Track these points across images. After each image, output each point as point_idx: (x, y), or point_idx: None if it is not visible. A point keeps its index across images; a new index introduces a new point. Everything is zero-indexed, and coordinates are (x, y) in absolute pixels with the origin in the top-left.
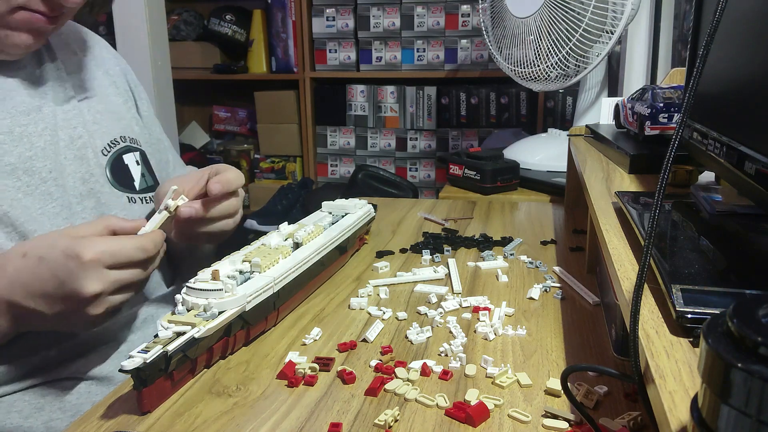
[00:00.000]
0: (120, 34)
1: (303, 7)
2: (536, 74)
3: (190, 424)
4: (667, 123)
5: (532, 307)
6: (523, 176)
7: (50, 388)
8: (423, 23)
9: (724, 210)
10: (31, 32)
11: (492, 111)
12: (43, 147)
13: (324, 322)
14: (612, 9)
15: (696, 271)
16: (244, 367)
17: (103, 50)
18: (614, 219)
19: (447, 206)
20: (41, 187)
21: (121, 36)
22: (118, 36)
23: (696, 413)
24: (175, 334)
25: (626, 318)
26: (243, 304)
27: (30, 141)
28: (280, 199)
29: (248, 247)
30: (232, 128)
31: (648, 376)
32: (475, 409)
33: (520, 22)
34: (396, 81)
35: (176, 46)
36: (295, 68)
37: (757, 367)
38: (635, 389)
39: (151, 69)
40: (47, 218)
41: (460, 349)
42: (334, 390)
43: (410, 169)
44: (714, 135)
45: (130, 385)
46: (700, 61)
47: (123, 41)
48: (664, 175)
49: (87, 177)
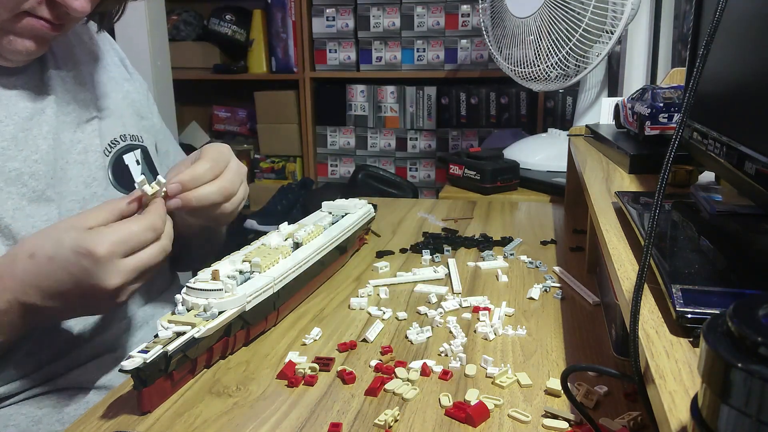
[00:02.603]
0: (120, 34)
1: (303, 7)
2: (536, 74)
3: (190, 425)
4: (667, 123)
5: (532, 307)
6: (523, 176)
7: (48, 400)
8: (423, 23)
9: (724, 210)
10: (35, 39)
11: (492, 111)
12: (47, 150)
13: (324, 322)
14: (612, 9)
15: (696, 271)
16: (244, 367)
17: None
18: (614, 219)
19: (447, 206)
20: (47, 192)
21: (121, 36)
22: (118, 36)
23: (696, 413)
24: (175, 334)
25: (626, 318)
26: (243, 304)
27: (35, 144)
28: (280, 199)
29: (248, 247)
30: (232, 128)
31: (648, 376)
32: (475, 409)
33: (520, 22)
34: (396, 81)
35: (176, 46)
36: (295, 68)
37: (757, 367)
38: (635, 389)
39: (151, 69)
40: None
41: (460, 349)
42: (334, 390)
43: (410, 169)
44: (714, 135)
45: (130, 385)
46: (700, 61)
47: (123, 41)
48: (664, 175)
49: (89, 181)
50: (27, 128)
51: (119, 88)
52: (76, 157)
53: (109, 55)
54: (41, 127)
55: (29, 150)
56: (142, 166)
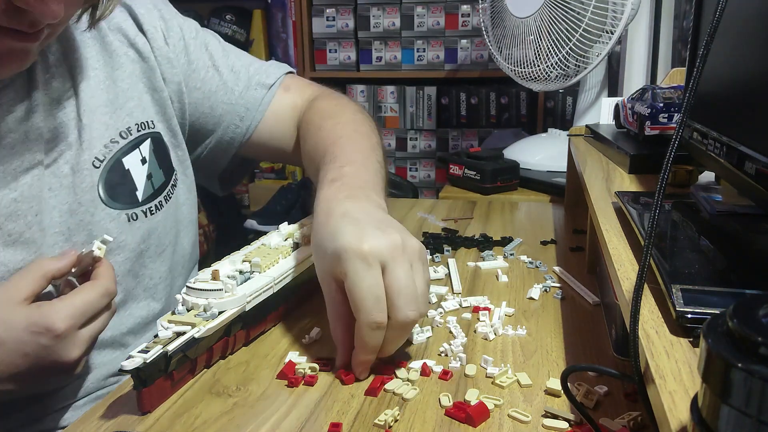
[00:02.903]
0: None
1: (303, 7)
2: (536, 74)
3: (190, 425)
4: (667, 123)
5: (532, 307)
6: (523, 176)
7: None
8: (423, 23)
9: (724, 210)
10: (8, 55)
11: (492, 111)
12: (30, 184)
13: (324, 322)
14: (612, 9)
15: (696, 271)
16: (244, 367)
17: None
18: (614, 219)
19: (447, 206)
20: (26, 234)
21: None
22: None
23: (696, 413)
24: (175, 334)
25: (626, 318)
26: (243, 304)
27: (15, 179)
28: (280, 199)
29: (248, 247)
30: None
31: (648, 376)
32: (475, 409)
33: (520, 22)
34: (396, 81)
35: None
36: (295, 68)
37: (757, 367)
38: (635, 389)
39: None
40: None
41: (460, 349)
42: (334, 390)
43: (410, 169)
44: (714, 135)
45: (130, 385)
46: (700, 61)
47: None
48: (664, 175)
49: (75, 207)
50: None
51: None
52: (61, 182)
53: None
54: (23, 158)
55: (8, 188)
56: (149, 164)
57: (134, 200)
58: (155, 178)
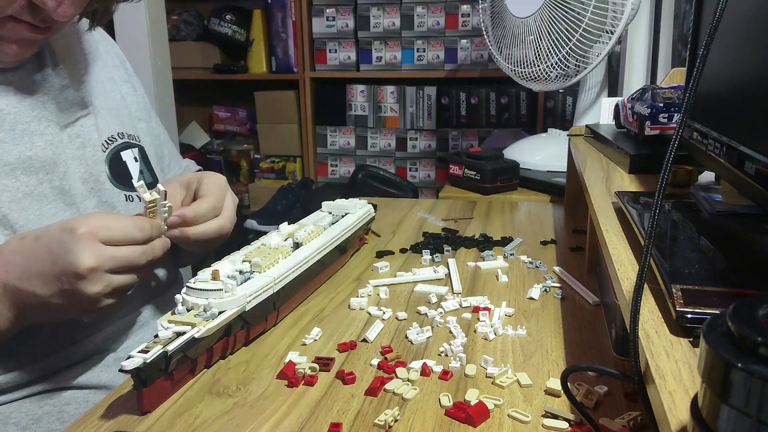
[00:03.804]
0: (120, 34)
1: (303, 7)
2: (536, 74)
3: (190, 424)
4: (667, 123)
5: (532, 307)
6: (523, 176)
7: (48, 398)
8: (423, 23)
9: (724, 210)
10: (21, 42)
11: (492, 111)
12: (44, 147)
13: (324, 322)
14: (612, 9)
15: (696, 271)
16: (244, 367)
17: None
18: (614, 219)
19: (447, 206)
20: (39, 188)
21: (121, 36)
22: (118, 36)
23: (696, 413)
24: (175, 334)
25: (626, 318)
26: (243, 304)
27: (31, 140)
28: (280, 199)
29: (248, 247)
30: (232, 128)
31: (648, 376)
32: (475, 409)
33: (520, 22)
34: (396, 81)
35: (176, 46)
36: (295, 68)
37: (757, 367)
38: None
39: (151, 69)
40: (46, 219)
41: (460, 349)
42: (334, 390)
43: (410, 169)
44: (714, 135)
45: (130, 385)
46: (700, 61)
47: (123, 41)
48: (664, 175)
49: (87, 176)
50: (26, 121)
51: (117, 88)
52: (74, 153)
53: (109, 55)
54: (40, 122)
55: (24, 146)
56: (140, 164)
57: (130, 185)
58: (145, 175)
